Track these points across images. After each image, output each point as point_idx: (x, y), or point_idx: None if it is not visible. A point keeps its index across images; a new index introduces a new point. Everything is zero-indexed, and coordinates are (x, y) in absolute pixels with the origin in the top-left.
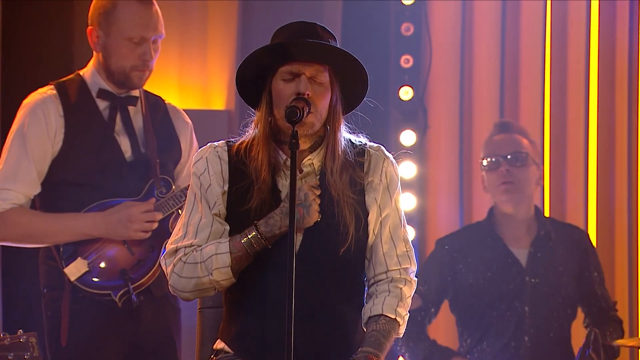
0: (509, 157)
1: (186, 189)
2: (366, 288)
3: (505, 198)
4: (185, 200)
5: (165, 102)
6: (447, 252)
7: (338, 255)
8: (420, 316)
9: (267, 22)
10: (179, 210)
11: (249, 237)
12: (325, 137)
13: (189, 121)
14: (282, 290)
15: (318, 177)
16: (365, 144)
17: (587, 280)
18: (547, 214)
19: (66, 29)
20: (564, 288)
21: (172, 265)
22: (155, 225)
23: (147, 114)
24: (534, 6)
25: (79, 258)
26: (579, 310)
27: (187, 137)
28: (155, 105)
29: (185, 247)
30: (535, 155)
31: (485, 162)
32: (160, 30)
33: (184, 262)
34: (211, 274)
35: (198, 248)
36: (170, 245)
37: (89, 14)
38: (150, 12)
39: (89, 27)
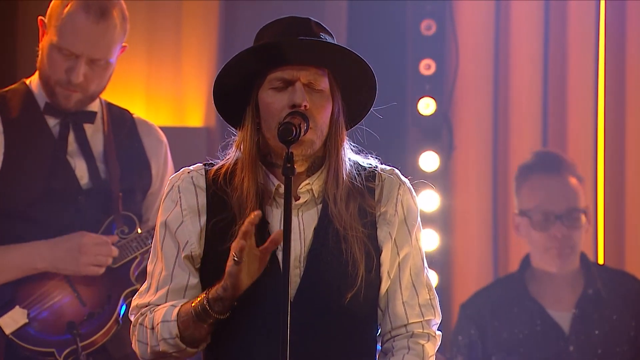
0: (564, 217)
1: (153, 229)
2: (379, 345)
3: (558, 262)
4: (151, 243)
5: (134, 116)
6: (475, 316)
7: (344, 302)
8: None
9: (255, 24)
10: (143, 255)
11: (197, 302)
12: (327, 157)
13: (164, 139)
14: (273, 349)
15: (319, 205)
16: (376, 166)
17: None
18: (600, 260)
19: (9, 29)
20: (616, 358)
21: (132, 327)
22: (110, 260)
23: (109, 132)
24: (584, 6)
25: (16, 307)
26: None
27: (160, 160)
28: (120, 121)
29: (144, 307)
30: (585, 199)
31: (529, 215)
32: (102, 53)
33: (140, 324)
34: (158, 345)
35: (153, 309)
36: (135, 298)
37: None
38: (97, 29)
39: (39, 16)
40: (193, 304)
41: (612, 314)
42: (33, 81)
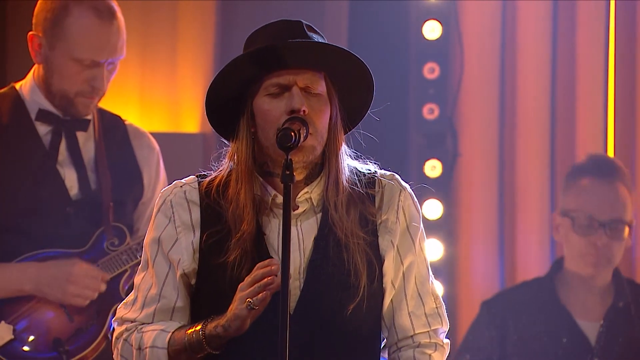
0: (608, 226)
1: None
2: (383, 358)
3: (592, 270)
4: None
5: (126, 122)
6: (498, 316)
7: (346, 314)
8: None
9: (253, 26)
10: (134, 268)
11: (191, 333)
12: (325, 163)
13: (156, 147)
14: None
15: (319, 214)
16: (375, 172)
17: None
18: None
19: None
20: None
21: (114, 337)
22: (96, 294)
23: (100, 140)
24: (593, 6)
25: (2, 322)
26: None
27: (152, 169)
28: (113, 128)
29: (129, 322)
30: (632, 211)
31: (571, 216)
32: (119, 52)
33: (125, 340)
34: None
35: (140, 328)
36: (120, 308)
37: (34, 14)
38: (110, 30)
39: (31, 33)
40: (187, 333)
41: None
42: (24, 87)
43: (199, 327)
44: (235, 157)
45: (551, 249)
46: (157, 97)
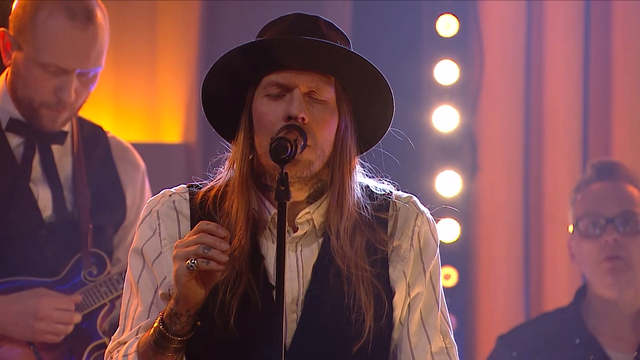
0: (616, 220)
1: (126, 270)
2: None
3: (610, 280)
4: (123, 287)
5: (109, 134)
6: (515, 352)
7: (349, 355)
8: None
9: (242, 26)
10: (114, 302)
11: (153, 328)
12: (331, 182)
13: (142, 164)
14: None
15: (320, 239)
16: (390, 193)
17: None
18: None
19: None
20: None
21: None
22: (71, 328)
23: (79, 155)
24: (630, 6)
25: None
26: None
27: (137, 189)
28: (93, 141)
29: (114, 347)
30: None
31: (578, 225)
32: (93, 62)
33: (111, 358)
34: None
35: (120, 347)
36: (110, 342)
37: (11, 9)
38: (83, 35)
39: (1, 29)
40: (150, 331)
41: None
42: None
43: (157, 318)
44: (235, 164)
45: (584, 276)
46: (133, 104)
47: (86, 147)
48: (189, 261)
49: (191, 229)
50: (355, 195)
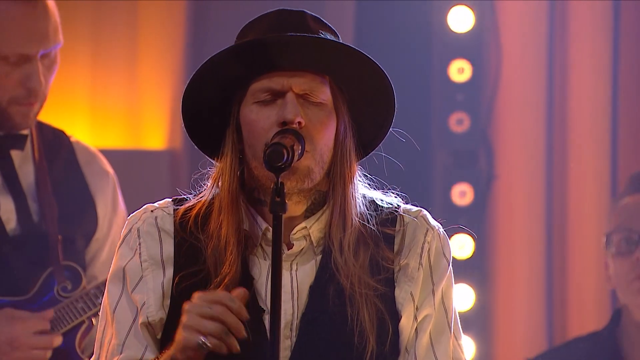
0: None
1: (104, 283)
2: None
3: None
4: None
5: (71, 139)
6: None
7: None
8: None
9: (231, 24)
10: (92, 320)
11: None
12: (330, 193)
13: (110, 170)
14: None
15: (319, 257)
16: (398, 206)
17: None
18: None
19: None
20: None
21: None
22: (49, 353)
23: (41, 161)
24: None
25: None
26: None
27: (108, 198)
28: (55, 146)
29: None
30: None
31: (612, 241)
32: (52, 38)
33: None
34: None
35: None
36: None
37: None
38: (34, 13)
39: None
40: None
41: None
42: None
43: None
44: (220, 180)
45: (612, 296)
46: (112, 107)
47: (48, 153)
48: (202, 337)
49: (174, 250)
50: (358, 206)
